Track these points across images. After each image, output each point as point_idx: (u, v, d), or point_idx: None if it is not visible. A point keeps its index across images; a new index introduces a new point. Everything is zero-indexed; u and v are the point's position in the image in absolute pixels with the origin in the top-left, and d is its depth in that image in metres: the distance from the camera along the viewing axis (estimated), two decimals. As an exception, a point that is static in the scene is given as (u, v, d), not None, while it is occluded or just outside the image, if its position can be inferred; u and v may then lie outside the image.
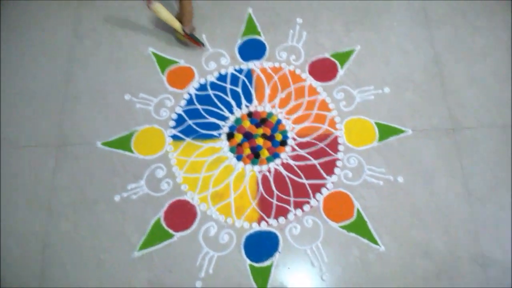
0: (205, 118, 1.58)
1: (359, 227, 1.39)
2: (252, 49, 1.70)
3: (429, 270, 1.33)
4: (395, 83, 1.61)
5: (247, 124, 1.56)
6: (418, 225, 1.39)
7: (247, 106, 1.59)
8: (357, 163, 1.49)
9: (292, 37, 1.71)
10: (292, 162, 1.50)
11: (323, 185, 1.46)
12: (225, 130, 1.55)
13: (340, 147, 1.51)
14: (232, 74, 1.65)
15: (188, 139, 1.54)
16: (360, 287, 1.32)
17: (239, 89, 1.62)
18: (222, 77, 1.64)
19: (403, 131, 1.53)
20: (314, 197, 1.44)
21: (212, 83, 1.63)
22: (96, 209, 1.44)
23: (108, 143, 1.54)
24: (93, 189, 1.47)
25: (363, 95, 1.59)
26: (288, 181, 1.47)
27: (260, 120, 1.56)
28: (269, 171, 1.49)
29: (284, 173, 1.48)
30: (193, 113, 1.58)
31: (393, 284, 1.32)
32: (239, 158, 1.51)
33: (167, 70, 1.66)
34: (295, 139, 1.53)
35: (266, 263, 1.36)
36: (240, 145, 1.53)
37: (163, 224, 1.42)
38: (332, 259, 1.35)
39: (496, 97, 1.58)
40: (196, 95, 1.61)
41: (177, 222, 1.42)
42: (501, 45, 1.67)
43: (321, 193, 1.44)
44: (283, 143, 1.53)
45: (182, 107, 1.59)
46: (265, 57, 1.68)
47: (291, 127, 1.55)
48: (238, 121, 1.56)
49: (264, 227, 1.40)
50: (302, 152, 1.51)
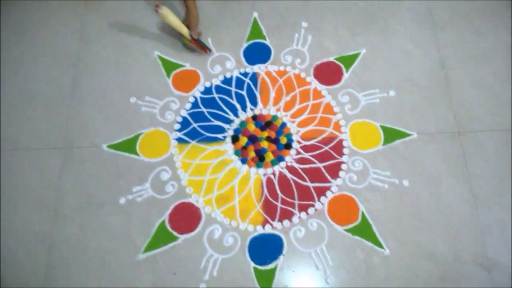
0: (210, 121, 1.58)
1: (364, 230, 1.39)
2: (257, 53, 1.70)
3: (433, 274, 1.32)
4: (400, 87, 1.61)
5: (252, 127, 1.56)
6: (423, 229, 1.38)
7: (252, 109, 1.59)
8: (362, 166, 1.48)
9: (297, 41, 1.71)
10: (296, 165, 1.50)
11: (328, 188, 1.45)
12: (230, 133, 1.56)
13: (345, 150, 1.51)
14: (237, 78, 1.65)
15: (193, 142, 1.55)
16: (365, 290, 1.32)
17: (244, 92, 1.62)
18: (227, 81, 1.65)
19: (408, 135, 1.52)
20: (318, 200, 1.44)
21: (217, 86, 1.64)
22: (101, 211, 1.45)
23: (114, 145, 1.54)
24: (98, 191, 1.48)
25: (368, 98, 1.59)
26: (293, 184, 1.47)
27: (265, 123, 1.56)
28: (273, 174, 1.49)
29: (289, 176, 1.48)
30: (198, 116, 1.59)
31: (397, 287, 1.31)
32: (243, 161, 1.51)
33: (173, 73, 1.67)
34: (300, 142, 1.53)
35: (271, 266, 1.35)
36: (245, 148, 1.53)
37: (168, 226, 1.42)
38: (337, 262, 1.35)
39: (502, 100, 1.57)
40: (201, 98, 1.62)
41: (181, 225, 1.42)
42: (507, 49, 1.66)
43: (325, 196, 1.44)
44: (288, 146, 1.52)
45: (187, 110, 1.60)
46: (270, 60, 1.68)
47: (296, 130, 1.55)
48: (243, 124, 1.57)
49: (268, 230, 1.40)
50: (307, 155, 1.51)
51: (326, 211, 1.42)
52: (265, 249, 1.38)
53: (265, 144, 1.53)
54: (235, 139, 1.54)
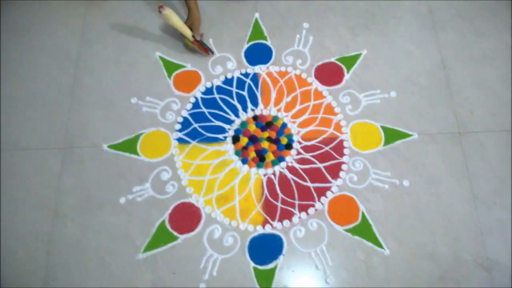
0: (211, 121, 1.58)
1: (364, 230, 1.38)
2: (259, 54, 1.70)
3: (433, 274, 1.32)
4: (401, 87, 1.61)
5: (252, 128, 1.56)
6: (423, 229, 1.38)
7: (252, 110, 1.59)
8: (362, 166, 1.48)
9: (299, 42, 1.72)
10: (297, 166, 1.49)
11: (328, 188, 1.45)
12: (231, 133, 1.56)
13: (346, 151, 1.51)
14: (238, 78, 1.66)
15: (194, 142, 1.55)
16: (365, 291, 1.32)
17: (245, 93, 1.62)
18: (228, 81, 1.65)
19: (409, 135, 1.52)
20: (319, 200, 1.43)
21: (218, 87, 1.64)
22: (101, 211, 1.45)
23: (114, 145, 1.55)
24: (98, 191, 1.48)
25: (369, 99, 1.59)
26: (293, 184, 1.46)
27: (266, 124, 1.57)
28: (274, 174, 1.48)
29: (289, 176, 1.48)
30: (199, 117, 1.59)
31: (397, 287, 1.31)
32: (244, 161, 1.51)
33: (174, 74, 1.67)
34: (300, 143, 1.53)
35: (270, 266, 1.35)
36: (245, 148, 1.53)
37: (168, 226, 1.42)
38: (337, 262, 1.35)
39: (503, 101, 1.56)
40: (202, 98, 1.62)
41: (181, 225, 1.42)
42: (508, 49, 1.66)
43: (326, 196, 1.44)
44: (288, 146, 1.52)
45: (188, 111, 1.60)
46: (271, 61, 1.68)
47: (296, 131, 1.55)
48: (243, 124, 1.57)
49: (268, 229, 1.40)
50: (307, 156, 1.51)
51: (326, 211, 1.42)
52: (265, 249, 1.37)
53: (265, 145, 1.53)
54: (235, 139, 1.54)
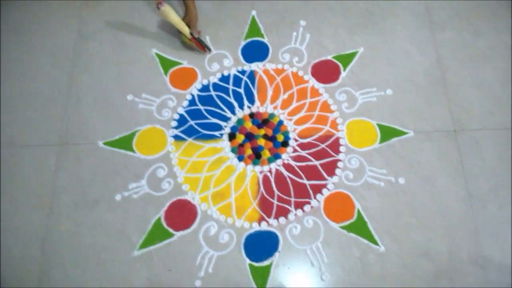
0: (207, 118, 1.58)
1: (360, 227, 1.38)
2: (255, 51, 1.70)
3: (429, 271, 1.32)
4: (397, 85, 1.61)
5: (248, 125, 1.56)
6: (419, 226, 1.38)
7: (249, 107, 1.59)
8: (358, 164, 1.48)
9: (295, 39, 1.71)
10: (293, 163, 1.49)
11: (324, 185, 1.45)
12: (227, 130, 1.56)
13: (342, 148, 1.51)
14: (235, 75, 1.65)
15: (190, 139, 1.55)
16: (360, 287, 1.32)
17: (241, 90, 1.62)
18: (224, 78, 1.65)
19: (405, 133, 1.52)
20: (314, 197, 1.44)
21: (214, 84, 1.64)
22: (97, 208, 1.45)
23: (110, 142, 1.54)
24: (94, 188, 1.48)
25: (365, 96, 1.59)
26: (289, 181, 1.47)
27: (262, 121, 1.57)
28: (270, 171, 1.49)
29: (285, 173, 1.48)
30: (195, 114, 1.59)
31: (392, 284, 1.31)
32: (240, 159, 1.51)
33: (170, 71, 1.67)
34: (296, 140, 1.53)
35: (266, 263, 1.35)
36: (241, 145, 1.53)
37: (164, 223, 1.42)
38: (332, 259, 1.35)
39: (499, 99, 1.57)
40: (198, 95, 1.62)
41: (177, 222, 1.42)
42: (504, 48, 1.66)
43: (321, 194, 1.44)
44: (285, 144, 1.52)
45: (184, 108, 1.60)
46: (268, 58, 1.68)
47: (292, 128, 1.55)
48: (240, 121, 1.57)
49: (264, 227, 1.40)
50: (304, 153, 1.51)
51: (322, 209, 1.42)
52: (261, 246, 1.37)
53: (261, 142, 1.53)
54: (232, 136, 1.54)
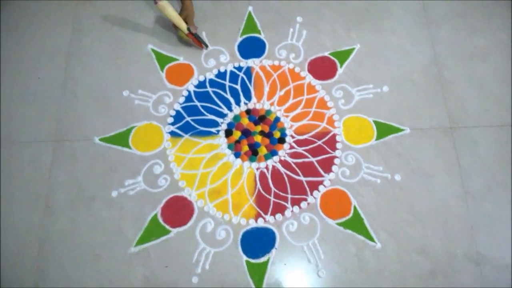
0: (204, 115, 1.58)
1: (356, 224, 1.39)
2: (252, 47, 1.70)
3: (425, 267, 1.33)
4: (394, 82, 1.61)
5: (245, 122, 1.56)
6: (415, 223, 1.39)
7: (245, 104, 1.59)
8: (354, 161, 1.48)
9: (292, 36, 1.71)
10: (290, 160, 1.50)
11: (321, 182, 1.46)
12: (224, 127, 1.55)
13: (338, 145, 1.51)
14: (231, 72, 1.65)
15: (186, 136, 1.54)
16: (356, 284, 1.32)
17: (238, 87, 1.62)
18: (221, 74, 1.64)
19: (401, 130, 1.53)
20: (311, 194, 1.44)
21: (211, 80, 1.63)
22: (93, 204, 1.44)
23: (106, 139, 1.54)
24: (90, 184, 1.47)
25: (362, 93, 1.59)
26: (286, 178, 1.47)
27: (259, 118, 1.56)
28: (266, 168, 1.48)
29: (282, 170, 1.48)
30: (191, 110, 1.58)
31: (389, 280, 1.32)
32: (237, 155, 1.51)
33: (167, 67, 1.66)
34: (293, 137, 1.53)
35: (263, 259, 1.35)
36: (238, 142, 1.53)
37: (160, 220, 1.41)
38: (329, 256, 1.35)
39: (495, 97, 1.57)
40: (195, 92, 1.61)
41: (174, 218, 1.42)
42: (501, 46, 1.67)
43: (318, 190, 1.44)
44: (281, 140, 1.52)
45: (180, 104, 1.59)
46: (264, 55, 1.68)
47: (289, 125, 1.55)
48: (236, 118, 1.56)
49: (261, 223, 1.40)
50: (300, 150, 1.51)
51: (318, 205, 1.42)
52: (258, 242, 1.38)
53: (258, 138, 1.53)
54: (228, 133, 1.54)
